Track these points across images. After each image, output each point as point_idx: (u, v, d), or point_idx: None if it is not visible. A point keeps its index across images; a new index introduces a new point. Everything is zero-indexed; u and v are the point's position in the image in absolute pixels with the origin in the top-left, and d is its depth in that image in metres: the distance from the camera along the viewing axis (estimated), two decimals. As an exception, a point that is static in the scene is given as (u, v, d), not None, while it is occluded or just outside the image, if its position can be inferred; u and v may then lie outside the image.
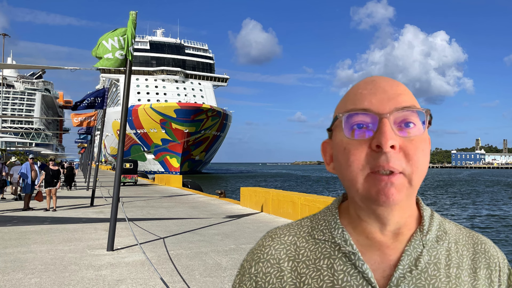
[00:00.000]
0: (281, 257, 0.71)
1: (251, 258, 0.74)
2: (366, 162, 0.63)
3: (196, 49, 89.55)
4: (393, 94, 0.65)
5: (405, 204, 0.66)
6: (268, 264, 0.71)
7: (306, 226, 0.75)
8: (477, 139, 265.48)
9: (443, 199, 32.72)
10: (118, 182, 7.33)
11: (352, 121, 0.65)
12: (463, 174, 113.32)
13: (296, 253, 0.71)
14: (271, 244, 0.73)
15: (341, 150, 0.66)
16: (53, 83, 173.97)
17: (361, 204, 0.67)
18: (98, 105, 15.37)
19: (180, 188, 24.75)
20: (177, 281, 5.28)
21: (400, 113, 0.64)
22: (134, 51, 7.71)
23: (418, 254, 0.66)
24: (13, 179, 16.90)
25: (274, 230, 0.77)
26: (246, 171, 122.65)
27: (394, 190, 0.62)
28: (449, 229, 0.72)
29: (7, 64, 16.60)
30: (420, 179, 0.64)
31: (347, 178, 0.66)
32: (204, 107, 63.81)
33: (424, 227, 0.69)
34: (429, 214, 0.72)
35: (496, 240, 15.26)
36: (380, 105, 0.64)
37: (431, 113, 0.67)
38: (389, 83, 0.68)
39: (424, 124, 0.66)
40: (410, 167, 0.62)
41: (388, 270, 0.66)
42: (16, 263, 6.18)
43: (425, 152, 0.65)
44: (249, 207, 13.54)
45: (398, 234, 0.68)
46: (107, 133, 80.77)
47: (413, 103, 0.66)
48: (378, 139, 0.62)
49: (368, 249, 0.68)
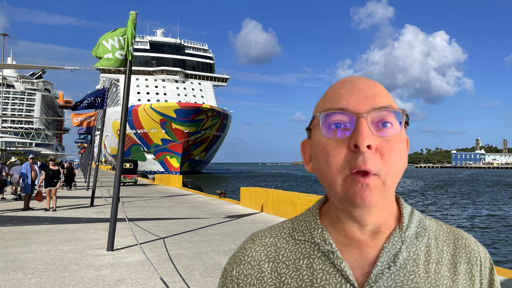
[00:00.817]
0: (262, 258, 0.72)
1: (233, 261, 0.75)
2: (345, 163, 0.63)
3: (196, 49, 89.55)
4: (371, 94, 0.66)
5: (382, 204, 0.66)
6: (249, 266, 0.72)
7: (287, 228, 0.76)
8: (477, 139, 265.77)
9: (443, 199, 32.72)
10: (118, 182, 7.33)
11: (329, 120, 0.65)
12: (463, 174, 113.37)
13: (276, 254, 0.72)
14: (252, 246, 0.75)
15: (320, 150, 0.66)
16: (53, 83, 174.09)
17: (338, 205, 0.68)
18: (98, 105, 15.37)
19: (180, 188, 24.75)
20: (177, 281, 5.28)
21: (377, 113, 0.64)
22: (134, 51, 7.71)
23: (396, 250, 0.67)
24: (13, 179, 16.90)
25: (256, 233, 0.77)
26: (246, 171, 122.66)
27: (369, 192, 0.62)
28: (429, 226, 0.73)
29: (7, 64, 16.61)
30: (395, 180, 0.65)
31: (326, 179, 0.66)
32: (204, 107, 63.81)
33: (403, 224, 0.70)
34: (409, 211, 0.73)
35: (496, 240, 15.27)
36: (358, 105, 0.65)
37: (407, 113, 0.67)
38: (366, 83, 0.68)
39: (401, 124, 0.66)
40: (385, 168, 0.63)
41: (367, 267, 0.66)
42: (16, 263, 6.18)
43: (402, 153, 0.65)
44: (249, 207, 13.54)
45: (378, 232, 0.68)
46: (107, 133, 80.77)
47: (390, 103, 0.66)
48: (355, 139, 0.62)
49: (348, 248, 0.68)
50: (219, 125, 70.79)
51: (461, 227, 18.43)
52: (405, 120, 0.67)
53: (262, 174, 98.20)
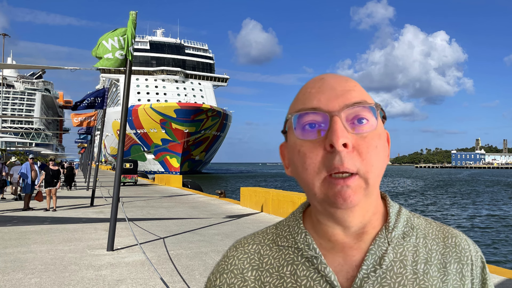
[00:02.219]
0: (245, 266, 0.70)
1: (216, 270, 0.73)
2: (322, 165, 0.61)
3: (196, 49, 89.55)
4: (342, 90, 0.64)
5: (365, 203, 0.64)
6: (232, 274, 0.70)
7: (271, 234, 0.74)
8: (477, 139, 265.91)
9: (443, 199, 32.72)
10: (118, 182, 7.33)
11: (303, 121, 0.64)
12: (463, 174, 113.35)
13: (260, 261, 0.70)
14: (235, 254, 0.73)
15: (296, 152, 0.64)
16: (53, 83, 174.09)
17: (319, 208, 0.65)
18: (98, 105, 15.37)
19: (180, 188, 24.75)
20: (177, 281, 5.28)
21: (351, 110, 0.62)
22: (134, 51, 7.71)
23: (382, 252, 0.65)
24: (13, 179, 16.90)
25: (240, 240, 0.75)
26: (246, 171, 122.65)
27: (350, 192, 0.60)
28: (418, 224, 0.70)
29: (7, 64, 16.61)
30: (377, 177, 0.63)
31: (305, 182, 0.64)
32: (204, 107, 63.81)
33: (390, 224, 0.67)
34: (396, 210, 0.70)
35: (496, 240, 15.26)
36: (329, 103, 0.63)
37: (382, 107, 0.65)
38: (337, 80, 0.66)
39: (377, 119, 0.64)
40: (364, 166, 0.61)
41: (352, 271, 0.64)
42: (16, 263, 6.18)
43: (379, 149, 0.63)
44: (249, 207, 13.53)
45: (363, 233, 0.66)
46: (107, 133, 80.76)
47: (364, 98, 0.64)
48: (330, 138, 0.60)
49: (331, 252, 0.66)
50: (219, 125, 70.79)
51: (461, 227, 18.44)
52: (381, 115, 0.65)
53: (262, 174, 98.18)
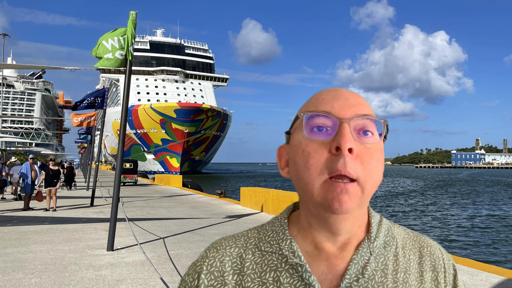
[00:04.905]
0: (226, 269, 0.69)
1: (193, 271, 0.72)
2: (324, 167, 0.62)
3: (196, 49, 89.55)
4: (355, 102, 0.67)
5: (357, 213, 0.66)
6: (211, 276, 0.69)
7: (253, 238, 0.73)
8: (477, 139, 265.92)
9: (443, 199, 32.73)
10: (118, 182, 7.33)
11: (312, 122, 0.65)
12: (463, 174, 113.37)
13: (242, 266, 0.69)
14: (215, 255, 0.71)
15: (300, 151, 0.66)
16: (53, 83, 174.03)
17: (313, 211, 0.66)
18: (98, 105, 15.37)
19: (180, 188, 24.75)
20: (177, 281, 5.28)
21: (360, 120, 0.65)
22: (134, 51, 7.71)
23: (365, 262, 0.66)
24: (13, 179, 16.90)
25: (219, 241, 0.74)
26: (246, 171, 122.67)
27: (347, 198, 0.62)
28: (397, 234, 0.73)
29: (7, 64, 16.66)
30: (372, 188, 0.65)
31: (304, 182, 0.64)
32: (204, 107, 63.81)
33: (372, 234, 0.69)
34: (378, 220, 0.72)
35: (496, 240, 15.26)
36: (342, 110, 0.65)
37: (388, 124, 0.68)
38: (351, 93, 0.69)
39: (381, 136, 0.66)
40: (364, 174, 0.63)
41: (335, 280, 0.65)
42: (16, 263, 6.18)
43: (380, 162, 0.65)
44: (249, 207, 13.54)
45: (347, 243, 0.68)
46: (107, 133, 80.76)
47: (372, 113, 0.67)
48: (337, 141, 0.62)
49: (316, 259, 0.67)
50: (219, 125, 70.80)
51: (461, 227, 18.45)
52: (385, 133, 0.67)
53: (262, 174, 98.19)
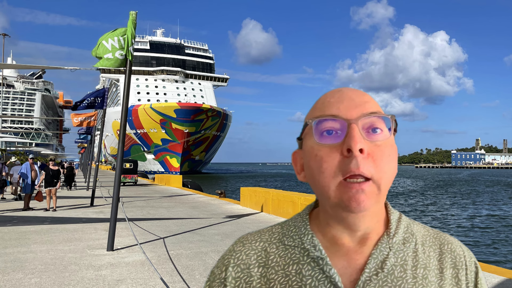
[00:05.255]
0: (251, 262, 0.72)
1: (222, 264, 0.75)
2: (338, 169, 0.64)
3: (196, 49, 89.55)
4: (360, 101, 0.68)
5: (374, 210, 0.67)
6: (238, 269, 0.72)
7: (277, 233, 0.76)
8: (477, 139, 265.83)
9: (443, 199, 32.73)
10: (118, 182, 7.33)
11: (321, 127, 0.67)
12: (463, 174, 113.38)
13: (266, 259, 0.72)
14: (242, 249, 0.75)
15: (313, 156, 0.68)
16: (53, 83, 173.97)
17: (331, 212, 0.68)
18: (98, 105, 15.37)
19: (180, 188, 24.76)
20: (177, 281, 5.28)
21: (367, 119, 0.66)
22: (134, 51, 7.71)
23: (384, 257, 0.68)
24: (13, 179, 16.90)
25: (246, 236, 0.78)
26: (246, 171, 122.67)
27: (364, 197, 0.63)
28: (417, 231, 0.74)
29: (7, 64, 16.66)
30: (387, 185, 0.66)
31: (320, 185, 0.67)
32: (204, 107, 63.82)
33: (391, 230, 0.71)
34: (397, 217, 0.74)
35: (496, 240, 15.26)
36: (348, 112, 0.67)
37: (396, 119, 0.69)
38: (355, 92, 0.71)
39: (390, 130, 0.68)
40: (378, 172, 0.64)
41: (355, 274, 0.67)
42: (16, 263, 6.18)
43: (391, 158, 0.67)
44: (249, 207, 13.54)
45: (366, 239, 0.69)
46: (107, 133, 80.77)
47: (378, 110, 0.69)
48: (348, 143, 0.64)
49: (336, 254, 0.69)
50: (219, 125, 70.80)
51: (461, 227, 18.45)
52: (394, 126, 0.69)
53: (262, 174, 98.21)
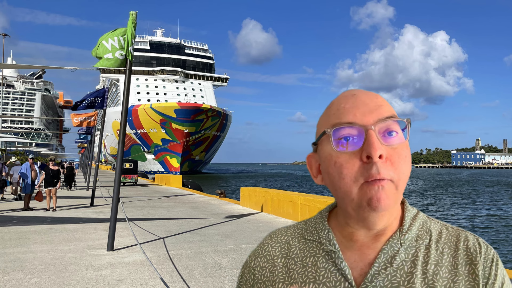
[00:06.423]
0: (276, 254, 0.81)
1: (253, 254, 0.85)
2: (359, 174, 0.68)
3: (196, 49, 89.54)
4: (374, 106, 0.71)
5: (393, 209, 0.72)
6: (265, 259, 0.81)
7: (300, 228, 0.83)
8: (477, 139, 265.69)
9: (443, 199, 32.72)
10: (118, 182, 7.33)
11: (339, 134, 0.70)
12: (463, 174, 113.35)
13: (288, 251, 0.80)
14: (269, 242, 0.84)
15: (332, 164, 0.71)
16: (53, 83, 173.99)
17: (352, 213, 0.71)
18: (98, 105, 15.38)
19: (180, 188, 24.76)
20: (177, 281, 5.28)
21: (383, 123, 0.69)
22: (134, 51, 7.71)
23: (394, 252, 0.71)
24: (13, 179, 16.90)
25: (275, 231, 0.86)
26: (246, 171, 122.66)
27: (384, 195, 0.67)
28: (433, 228, 0.76)
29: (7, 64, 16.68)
30: (404, 184, 0.71)
31: (342, 190, 0.70)
32: (204, 107, 63.82)
33: (404, 227, 0.74)
34: (413, 214, 0.77)
35: (496, 240, 15.27)
36: (364, 118, 0.70)
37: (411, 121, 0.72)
38: (369, 96, 0.73)
39: (405, 132, 0.71)
40: (396, 174, 0.68)
41: (365, 268, 0.71)
42: (16, 263, 6.18)
43: (407, 159, 0.71)
44: (249, 207, 13.54)
45: (381, 235, 0.73)
46: (107, 133, 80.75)
47: (393, 113, 0.72)
48: (367, 150, 0.67)
49: (350, 249, 0.74)
50: (219, 125, 70.79)
51: (461, 227, 18.36)
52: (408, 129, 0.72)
53: (262, 174, 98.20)
